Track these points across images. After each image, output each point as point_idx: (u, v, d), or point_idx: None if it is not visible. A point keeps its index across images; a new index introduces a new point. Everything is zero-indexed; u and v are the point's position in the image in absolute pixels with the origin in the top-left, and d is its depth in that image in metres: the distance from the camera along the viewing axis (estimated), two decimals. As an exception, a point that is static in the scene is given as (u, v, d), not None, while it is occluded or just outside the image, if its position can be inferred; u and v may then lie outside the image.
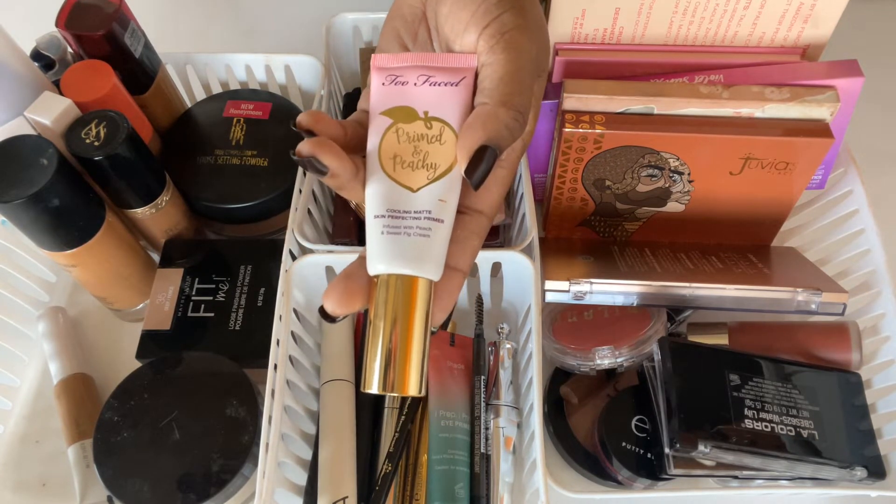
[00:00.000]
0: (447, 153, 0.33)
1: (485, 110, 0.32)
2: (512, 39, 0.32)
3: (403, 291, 0.32)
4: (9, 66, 0.48)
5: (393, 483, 0.47)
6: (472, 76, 0.34)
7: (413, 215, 0.32)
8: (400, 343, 0.32)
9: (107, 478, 0.47)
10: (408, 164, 0.33)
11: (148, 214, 0.55)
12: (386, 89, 0.34)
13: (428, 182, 0.33)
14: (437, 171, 0.33)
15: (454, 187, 0.33)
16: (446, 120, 0.33)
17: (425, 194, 0.33)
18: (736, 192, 0.51)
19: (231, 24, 0.81)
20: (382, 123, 0.34)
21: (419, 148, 0.33)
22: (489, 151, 0.31)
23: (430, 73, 0.34)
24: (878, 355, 0.50)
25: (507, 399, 0.50)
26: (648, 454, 0.48)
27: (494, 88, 0.32)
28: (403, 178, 0.33)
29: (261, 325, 0.54)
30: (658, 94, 0.48)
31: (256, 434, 0.48)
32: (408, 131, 0.33)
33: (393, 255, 0.31)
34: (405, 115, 0.34)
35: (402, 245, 0.32)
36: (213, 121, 0.62)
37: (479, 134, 0.31)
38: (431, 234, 0.32)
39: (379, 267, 0.32)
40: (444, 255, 0.32)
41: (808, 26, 0.49)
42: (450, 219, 0.33)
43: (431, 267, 0.32)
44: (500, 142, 0.32)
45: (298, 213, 0.51)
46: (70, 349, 0.56)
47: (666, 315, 0.51)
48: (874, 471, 0.45)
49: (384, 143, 0.33)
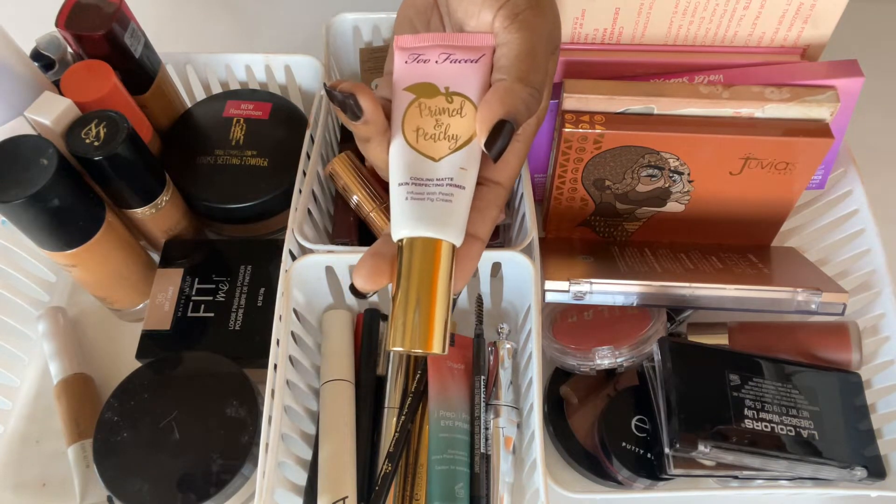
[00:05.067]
0: (467, 125, 0.34)
1: (503, 86, 0.34)
2: (526, 19, 0.34)
3: (427, 253, 0.33)
4: (9, 66, 0.48)
5: (393, 483, 0.47)
6: (490, 54, 0.35)
7: (436, 182, 0.33)
8: (423, 302, 0.33)
9: (107, 478, 0.47)
10: (430, 135, 0.34)
11: (148, 214, 0.55)
12: (408, 67, 0.36)
13: (449, 152, 0.34)
14: (458, 141, 0.34)
15: (474, 156, 0.34)
16: (466, 94, 0.35)
17: (447, 163, 0.34)
18: (736, 192, 0.51)
19: (231, 24, 0.81)
20: (405, 98, 0.35)
21: (441, 121, 0.35)
22: (507, 125, 0.33)
23: (450, 52, 0.35)
24: (878, 355, 0.50)
25: (507, 399, 0.50)
26: (648, 454, 0.48)
27: (511, 66, 0.34)
28: (426, 148, 0.34)
29: (261, 325, 0.54)
30: (658, 94, 0.48)
31: (256, 434, 0.48)
32: (430, 105, 0.35)
33: (417, 219, 0.33)
34: (427, 91, 0.35)
35: (425, 209, 0.33)
36: (213, 121, 0.62)
37: (498, 108, 0.33)
38: (454, 200, 0.33)
39: (403, 231, 0.33)
40: (465, 220, 0.34)
41: (808, 26, 0.49)
42: (471, 186, 0.34)
43: (454, 231, 0.33)
44: (517, 116, 0.33)
45: (298, 213, 0.51)
46: (70, 349, 0.56)
47: (666, 315, 0.51)
48: (874, 471, 0.45)
49: (407, 116, 0.35)
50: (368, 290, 0.34)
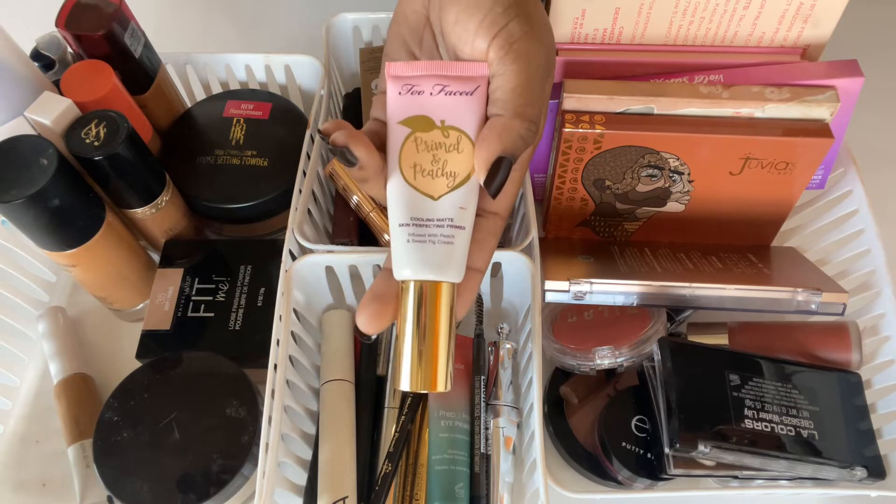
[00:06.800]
0: (465, 161, 0.34)
1: (500, 122, 0.33)
2: (521, 49, 0.33)
3: (430, 296, 0.34)
4: (9, 66, 0.48)
5: (393, 483, 0.47)
6: (485, 85, 0.35)
7: (436, 223, 0.34)
8: (427, 344, 0.34)
9: (107, 478, 0.47)
10: (427, 172, 0.34)
11: (148, 214, 0.55)
12: (403, 99, 0.35)
13: (448, 190, 0.34)
14: (456, 179, 0.34)
15: (473, 195, 0.34)
16: (462, 129, 0.34)
17: (446, 202, 0.34)
18: (736, 192, 0.51)
19: (231, 24, 0.81)
20: (401, 133, 0.35)
21: (437, 156, 0.34)
22: (506, 161, 0.33)
23: (445, 83, 0.35)
24: (878, 355, 0.50)
25: (507, 399, 0.50)
26: (648, 454, 0.48)
27: (508, 100, 0.33)
28: (424, 186, 0.34)
29: (261, 325, 0.54)
30: (658, 94, 0.48)
31: (256, 434, 0.48)
32: (426, 140, 0.35)
33: (419, 263, 0.33)
34: (423, 125, 0.35)
35: (427, 253, 0.33)
36: (213, 121, 0.62)
37: (496, 146, 0.33)
38: (455, 241, 0.34)
39: (405, 272, 0.33)
40: (465, 258, 0.34)
41: (808, 26, 0.49)
42: (470, 224, 0.34)
43: (455, 271, 0.34)
44: (515, 151, 0.33)
45: (298, 213, 0.51)
46: (70, 349, 0.56)
47: (666, 315, 0.51)
48: (874, 471, 0.45)
49: (404, 152, 0.35)
50: (372, 332, 0.34)
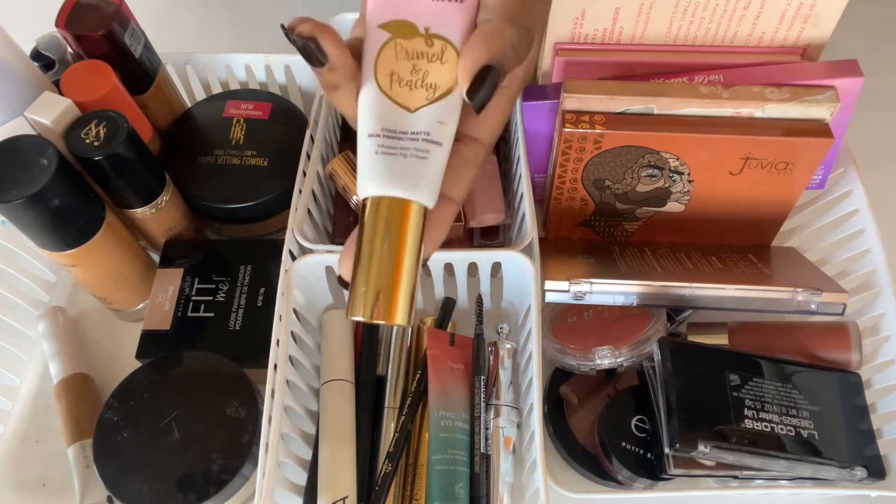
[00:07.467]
0: (448, 74, 0.31)
1: (489, 27, 0.30)
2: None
3: (396, 215, 0.30)
4: (9, 66, 0.48)
5: (393, 483, 0.47)
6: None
7: (410, 136, 0.31)
8: (388, 269, 0.30)
9: (107, 478, 0.47)
10: (406, 82, 0.31)
11: (148, 214, 0.55)
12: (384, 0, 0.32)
13: (427, 103, 0.31)
14: (436, 91, 0.31)
15: (454, 109, 0.31)
16: (448, 38, 0.31)
17: (424, 115, 0.31)
18: (736, 192, 0.51)
19: (231, 24, 0.81)
20: (379, 37, 0.32)
21: (418, 66, 0.31)
22: (493, 72, 0.29)
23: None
24: (878, 355, 0.50)
25: (507, 399, 0.50)
26: (648, 454, 0.48)
27: (500, 4, 0.30)
28: (401, 97, 0.31)
29: (261, 325, 0.54)
30: (658, 94, 0.47)
31: (256, 434, 0.48)
32: (406, 48, 0.31)
33: (387, 177, 0.30)
34: (405, 30, 0.31)
35: (397, 166, 0.30)
36: (213, 121, 0.62)
37: (483, 52, 0.29)
38: (429, 157, 0.30)
39: (370, 189, 0.30)
40: (439, 180, 0.31)
41: (808, 26, 0.49)
42: (448, 142, 0.31)
43: (426, 192, 0.30)
44: (504, 61, 0.30)
45: (298, 213, 0.51)
46: (70, 349, 0.56)
47: (666, 315, 0.51)
48: (874, 471, 0.45)
49: (381, 58, 0.31)
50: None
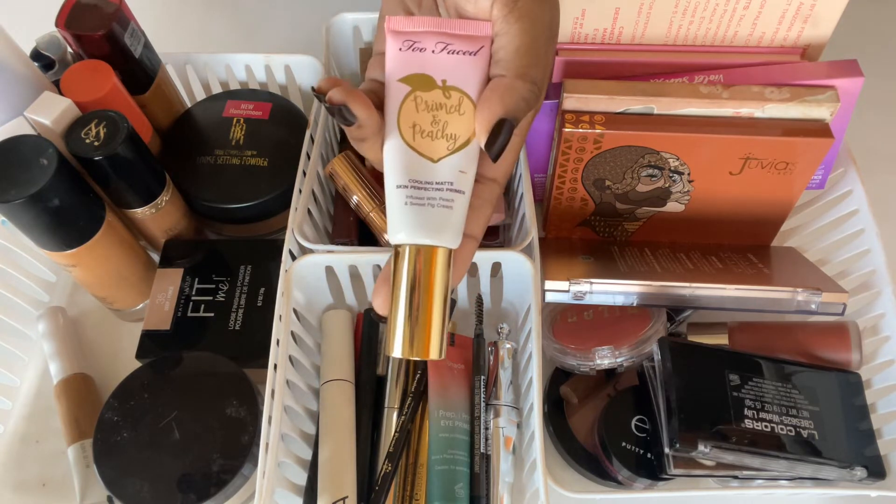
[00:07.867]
0: (466, 124, 0.33)
1: (502, 83, 0.32)
2: (525, 8, 0.33)
3: (425, 261, 0.33)
4: (9, 66, 0.48)
5: (393, 483, 0.47)
6: (488, 45, 0.34)
7: (435, 186, 0.33)
8: (422, 310, 0.33)
9: (107, 478, 0.47)
10: (427, 133, 0.33)
11: (148, 214, 0.55)
12: (403, 55, 0.34)
13: (448, 153, 0.33)
14: (456, 141, 0.33)
15: (473, 157, 0.34)
16: (464, 90, 0.33)
17: (446, 165, 0.33)
18: (736, 192, 0.51)
19: (231, 24, 0.81)
20: (400, 91, 0.34)
21: (438, 117, 0.33)
22: (507, 124, 0.32)
23: (447, 41, 0.34)
24: (878, 355, 0.50)
25: (507, 399, 0.50)
26: (648, 454, 0.48)
27: (511, 61, 0.33)
28: (423, 147, 0.33)
29: (261, 325, 0.54)
30: (658, 94, 0.48)
31: (256, 434, 0.48)
32: (426, 100, 0.33)
33: (416, 226, 0.32)
34: (423, 83, 0.34)
35: (425, 216, 0.32)
36: (213, 121, 0.62)
37: (498, 108, 0.32)
38: (453, 206, 0.33)
39: (401, 236, 0.33)
40: (463, 224, 0.33)
41: (808, 26, 0.49)
42: (469, 189, 0.33)
43: (452, 236, 0.33)
44: (517, 114, 0.32)
45: (298, 213, 0.51)
46: (70, 349, 0.56)
47: (666, 315, 0.51)
48: (874, 471, 0.45)
49: (403, 111, 0.34)
50: (387, 313, 0.34)
